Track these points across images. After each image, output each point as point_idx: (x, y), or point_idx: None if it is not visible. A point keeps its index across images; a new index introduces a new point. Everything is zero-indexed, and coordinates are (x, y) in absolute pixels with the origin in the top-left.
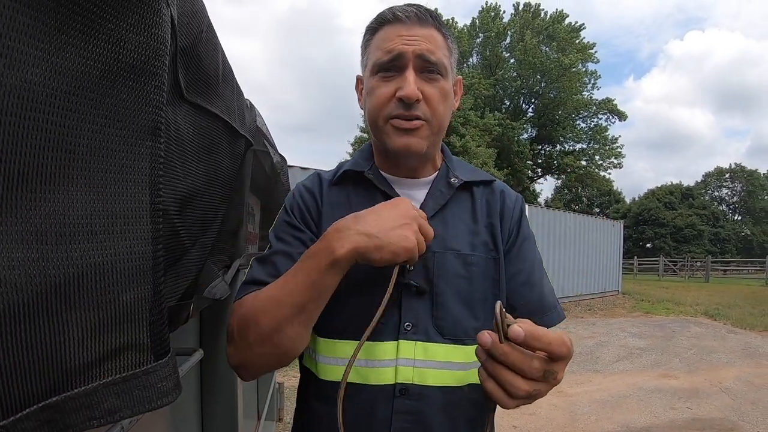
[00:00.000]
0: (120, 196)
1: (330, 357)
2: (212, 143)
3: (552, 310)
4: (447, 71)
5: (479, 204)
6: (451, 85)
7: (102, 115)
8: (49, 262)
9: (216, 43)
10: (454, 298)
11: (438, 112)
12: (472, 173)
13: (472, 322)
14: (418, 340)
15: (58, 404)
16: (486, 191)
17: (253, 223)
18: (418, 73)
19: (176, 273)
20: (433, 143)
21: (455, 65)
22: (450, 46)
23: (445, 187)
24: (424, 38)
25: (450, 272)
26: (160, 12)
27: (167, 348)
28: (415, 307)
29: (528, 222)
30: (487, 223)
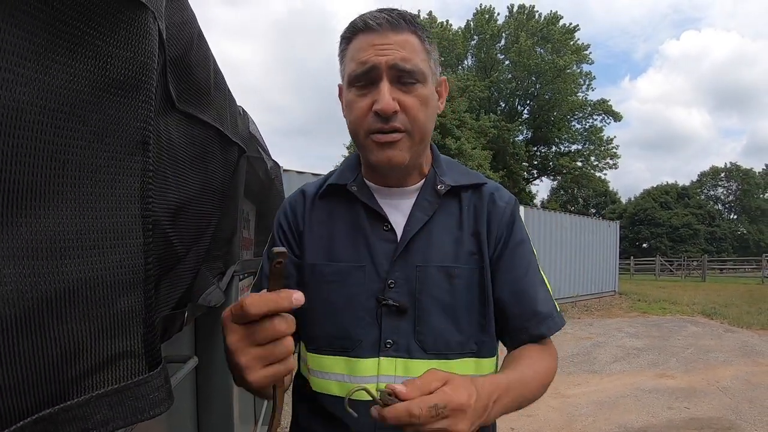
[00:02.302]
0: (110, 210)
1: (318, 371)
2: (205, 151)
3: (546, 319)
4: (425, 76)
5: (466, 210)
6: (433, 87)
7: (91, 131)
8: (41, 278)
9: (207, 52)
10: (437, 313)
11: (418, 120)
12: (461, 176)
13: (455, 335)
14: (399, 357)
15: (52, 416)
16: (474, 196)
17: (248, 228)
18: (393, 84)
19: (170, 282)
20: (417, 153)
21: (437, 66)
22: (428, 48)
23: (432, 195)
24: (397, 45)
25: (433, 287)
26: (147, 27)
27: (159, 359)
28: (395, 324)
29: (523, 225)
30: (474, 231)
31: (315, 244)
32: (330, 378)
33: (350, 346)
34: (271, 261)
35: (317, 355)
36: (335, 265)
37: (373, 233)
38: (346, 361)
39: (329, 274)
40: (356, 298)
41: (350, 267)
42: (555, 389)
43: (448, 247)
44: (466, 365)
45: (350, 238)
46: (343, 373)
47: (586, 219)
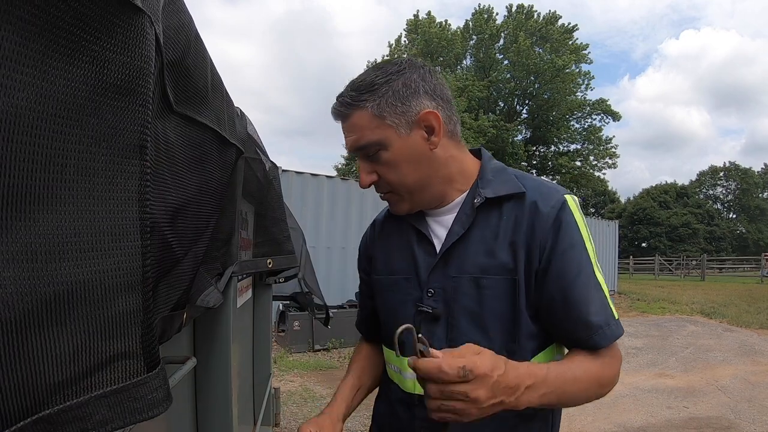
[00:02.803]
0: (108, 213)
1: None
2: (202, 153)
3: (599, 330)
4: (385, 141)
5: (505, 221)
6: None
7: (88, 136)
8: (40, 280)
9: (204, 54)
10: (466, 320)
11: (393, 181)
12: (502, 186)
13: (483, 343)
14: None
15: (51, 417)
16: (516, 205)
17: (246, 229)
18: (364, 159)
19: (168, 283)
20: (418, 197)
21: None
22: (379, 111)
23: (469, 209)
24: (350, 130)
25: (463, 296)
26: (144, 31)
27: (157, 360)
28: (431, 330)
29: (574, 226)
30: (511, 242)
31: (379, 260)
32: (392, 368)
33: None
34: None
35: (386, 349)
36: (391, 277)
37: (418, 248)
38: (398, 360)
39: (387, 285)
40: (403, 305)
41: (400, 278)
42: None
43: (480, 258)
44: None
45: (402, 253)
46: (396, 365)
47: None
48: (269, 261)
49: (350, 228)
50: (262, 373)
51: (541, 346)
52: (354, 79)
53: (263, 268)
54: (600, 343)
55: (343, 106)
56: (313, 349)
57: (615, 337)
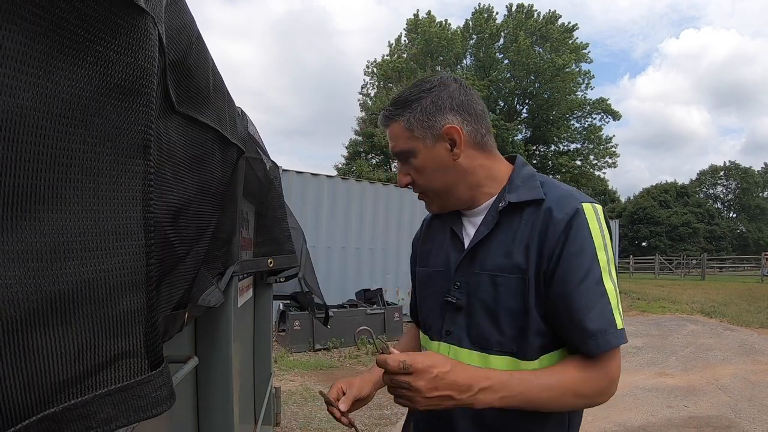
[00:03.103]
0: (112, 212)
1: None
2: (204, 153)
3: (594, 336)
4: (414, 150)
5: (523, 225)
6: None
7: (92, 135)
8: (45, 279)
9: (206, 54)
10: (482, 313)
11: (423, 184)
12: (526, 193)
13: (495, 335)
14: (451, 344)
15: (56, 415)
16: (534, 211)
17: (247, 228)
18: (402, 162)
19: (170, 283)
20: (447, 199)
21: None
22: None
23: (495, 212)
24: (390, 138)
25: (482, 291)
26: (147, 32)
27: (161, 358)
28: (454, 318)
29: (587, 232)
30: (526, 244)
31: (421, 255)
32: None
33: (427, 330)
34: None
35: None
36: (428, 270)
37: (451, 245)
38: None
39: (424, 276)
40: (435, 294)
41: (435, 271)
42: None
43: (499, 258)
44: (504, 362)
45: (440, 248)
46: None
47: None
48: (270, 260)
49: (350, 228)
50: (263, 373)
51: (548, 345)
52: (396, 94)
53: (264, 267)
54: (593, 350)
55: (385, 118)
56: (314, 348)
57: (610, 345)
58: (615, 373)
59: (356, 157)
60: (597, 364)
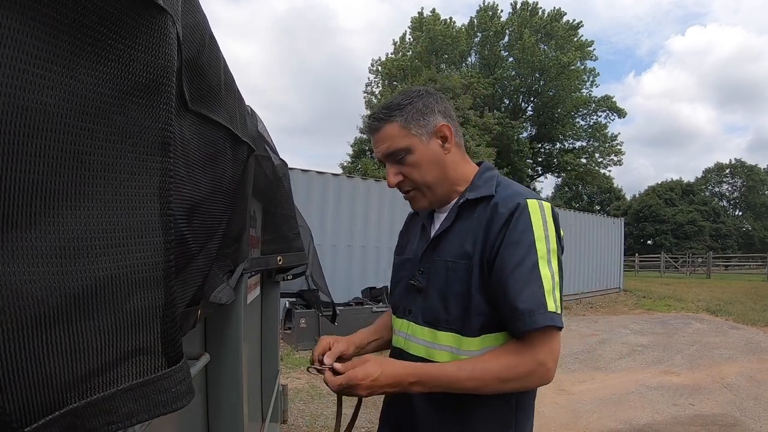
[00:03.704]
0: (133, 209)
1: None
2: (216, 151)
3: (522, 317)
4: (411, 147)
5: (475, 218)
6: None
7: (115, 133)
8: (68, 276)
9: (218, 53)
10: (435, 295)
11: (417, 179)
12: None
13: (442, 314)
14: (410, 321)
15: (79, 410)
16: (484, 206)
17: (255, 227)
18: (392, 164)
19: (184, 280)
20: (433, 194)
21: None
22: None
23: (455, 208)
24: (381, 140)
25: (437, 275)
26: (167, 30)
27: (180, 353)
28: (414, 298)
29: (526, 226)
30: (474, 234)
31: (399, 246)
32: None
33: (395, 310)
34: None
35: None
36: (401, 258)
37: (421, 237)
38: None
39: (397, 263)
40: (404, 279)
41: (406, 259)
42: (560, 386)
43: (453, 247)
44: (449, 338)
45: (412, 239)
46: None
47: (590, 216)
48: (280, 258)
49: (356, 226)
50: (271, 370)
51: (488, 325)
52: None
53: (273, 265)
54: (522, 328)
55: (377, 121)
56: None
57: (538, 324)
58: (544, 357)
59: (361, 155)
60: (525, 347)
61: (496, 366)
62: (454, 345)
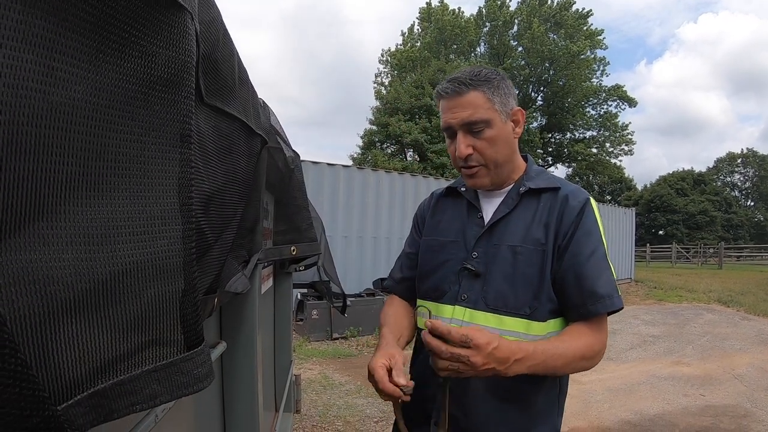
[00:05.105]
0: (156, 198)
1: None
2: (231, 143)
3: (603, 298)
4: (492, 121)
5: (542, 207)
6: (504, 123)
7: (138, 126)
8: (96, 262)
9: (232, 48)
10: (500, 279)
11: (490, 156)
12: (543, 182)
13: (511, 299)
14: (468, 308)
15: (105, 391)
16: (552, 197)
17: (267, 218)
18: (466, 134)
19: (201, 269)
20: (496, 174)
21: (508, 104)
22: (492, 97)
23: (515, 195)
24: (463, 106)
25: (501, 260)
26: (186, 27)
27: (201, 337)
28: (470, 284)
29: (594, 219)
30: (545, 222)
31: (430, 225)
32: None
33: (438, 295)
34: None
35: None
36: (438, 239)
37: (468, 219)
38: (434, 306)
39: (434, 245)
40: (448, 262)
41: (448, 241)
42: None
43: (519, 232)
44: (517, 323)
45: (453, 221)
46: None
47: (601, 206)
48: (293, 248)
49: (366, 217)
50: (284, 361)
51: (556, 310)
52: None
53: (287, 255)
54: (602, 310)
55: (463, 85)
56: (332, 337)
57: (615, 307)
58: (607, 338)
59: (371, 147)
60: (596, 328)
61: (579, 345)
62: (521, 330)
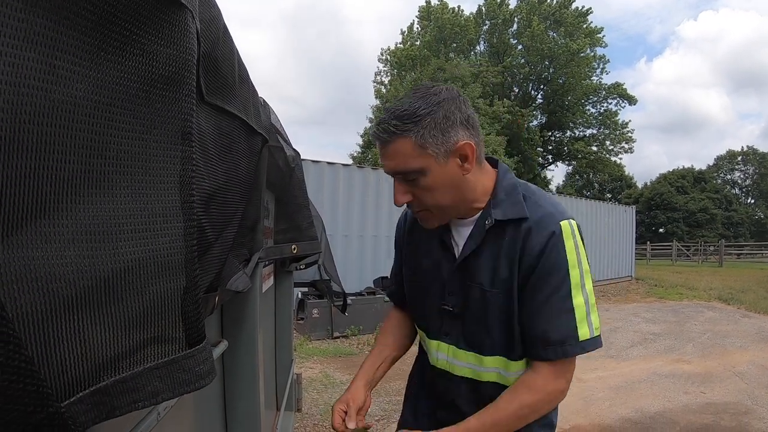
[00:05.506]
0: (158, 196)
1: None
2: (231, 142)
3: (554, 346)
4: (425, 168)
5: (507, 241)
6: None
7: (140, 123)
8: (98, 259)
9: (232, 46)
10: (474, 320)
11: (430, 201)
12: (510, 210)
13: (486, 339)
14: (451, 345)
15: (107, 388)
16: (517, 228)
17: (268, 217)
18: (401, 182)
19: (202, 267)
20: (447, 213)
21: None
22: (422, 141)
23: (481, 228)
24: (392, 155)
25: (473, 300)
26: (187, 25)
27: (203, 334)
28: (451, 322)
29: (561, 253)
30: (511, 258)
31: (408, 253)
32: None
33: (424, 328)
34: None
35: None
36: (418, 273)
37: (442, 253)
38: (424, 336)
39: (414, 280)
40: (428, 298)
41: (428, 276)
42: None
43: (487, 271)
44: (496, 361)
45: (430, 250)
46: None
47: (601, 204)
48: (294, 247)
49: (367, 216)
50: (285, 360)
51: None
52: (396, 106)
53: (288, 253)
54: (551, 357)
55: (387, 133)
56: (332, 336)
57: (567, 355)
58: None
59: (371, 146)
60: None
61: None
62: (501, 367)
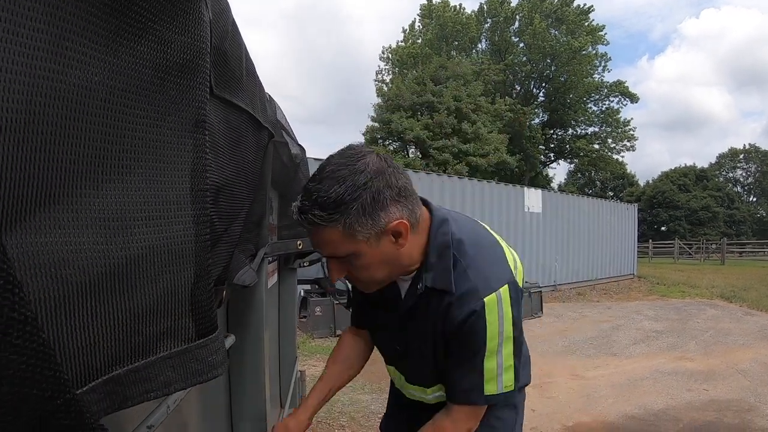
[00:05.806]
0: (172, 183)
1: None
2: (239, 135)
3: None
4: (357, 252)
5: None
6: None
7: (154, 110)
8: (111, 246)
9: (239, 40)
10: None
11: (367, 277)
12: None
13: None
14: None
15: (120, 377)
16: (440, 299)
17: (272, 215)
18: (335, 260)
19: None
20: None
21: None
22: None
23: (413, 292)
24: (321, 243)
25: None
26: (201, 14)
27: (216, 324)
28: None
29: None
30: (433, 322)
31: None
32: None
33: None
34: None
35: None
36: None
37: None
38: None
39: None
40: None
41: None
42: (574, 372)
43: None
44: (438, 388)
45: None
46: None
47: (603, 202)
48: (299, 242)
49: None
50: (289, 357)
51: None
52: (318, 192)
53: (293, 249)
54: (458, 401)
55: (311, 224)
56: (335, 334)
57: (469, 402)
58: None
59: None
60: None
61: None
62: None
